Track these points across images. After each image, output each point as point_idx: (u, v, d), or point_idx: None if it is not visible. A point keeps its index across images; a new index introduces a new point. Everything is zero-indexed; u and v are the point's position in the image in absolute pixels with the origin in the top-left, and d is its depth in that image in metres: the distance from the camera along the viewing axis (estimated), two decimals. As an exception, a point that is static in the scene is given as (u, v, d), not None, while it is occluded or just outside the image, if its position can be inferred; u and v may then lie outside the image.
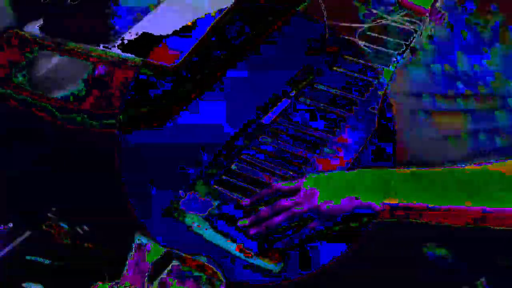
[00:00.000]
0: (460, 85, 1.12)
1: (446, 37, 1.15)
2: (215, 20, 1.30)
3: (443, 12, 1.16)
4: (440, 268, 1.15)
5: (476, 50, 1.10)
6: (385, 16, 1.59)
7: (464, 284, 1.12)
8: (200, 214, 1.14)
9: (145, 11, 1.34)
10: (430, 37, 1.18)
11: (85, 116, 1.13)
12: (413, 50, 1.22)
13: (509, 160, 1.05)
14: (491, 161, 1.06)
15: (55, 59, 1.24)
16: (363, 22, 1.57)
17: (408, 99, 1.20)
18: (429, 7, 1.21)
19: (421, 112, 1.17)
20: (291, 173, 1.22)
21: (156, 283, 1.06)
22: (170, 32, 1.27)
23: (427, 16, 1.21)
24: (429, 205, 1.03)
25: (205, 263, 1.06)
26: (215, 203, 1.16)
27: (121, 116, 1.13)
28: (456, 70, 1.12)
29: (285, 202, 1.08)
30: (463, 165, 1.07)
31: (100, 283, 1.09)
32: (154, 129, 1.16)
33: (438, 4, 1.18)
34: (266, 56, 1.35)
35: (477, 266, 1.13)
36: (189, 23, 1.30)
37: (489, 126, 1.10)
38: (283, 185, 1.12)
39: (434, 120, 1.16)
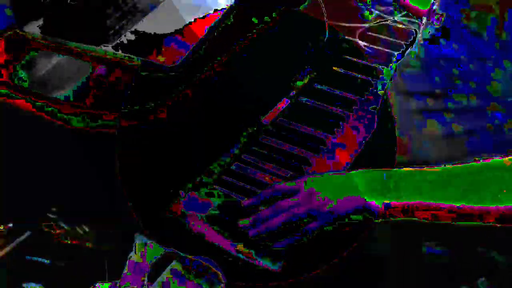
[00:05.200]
0: (459, 84, 1.12)
1: (443, 37, 1.15)
2: (215, 20, 1.31)
3: (441, 13, 1.16)
4: (440, 268, 1.15)
5: (475, 49, 1.10)
6: (385, 16, 1.59)
7: (464, 284, 1.12)
8: (201, 214, 1.14)
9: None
10: (428, 37, 1.18)
11: (85, 116, 1.13)
12: (413, 51, 1.22)
13: (508, 157, 1.05)
14: (491, 158, 1.06)
15: (55, 59, 1.24)
16: (363, 22, 1.57)
17: (408, 99, 1.20)
18: (428, 8, 1.21)
19: (420, 112, 1.18)
20: (291, 173, 1.22)
21: (156, 283, 1.06)
22: (170, 32, 1.27)
23: (425, 17, 1.21)
24: (429, 205, 1.03)
25: (205, 263, 1.06)
26: (215, 203, 1.16)
27: (120, 116, 1.13)
28: (455, 70, 1.13)
29: (285, 203, 1.08)
30: (462, 164, 1.07)
31: (100, 283, 1.09)
32: (154, 128, 1.16)
33: (436, 5, 1.18)
34: (266, 55, 1.35)
35: (477, 266, 1.14)
36: (189, 23, 1.30)
37: (488, 124, 1.10)
38: (283, 185, 1.12)
39: (434, 119, 1.16)
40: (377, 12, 1.60)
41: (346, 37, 1.53)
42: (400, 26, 1.57)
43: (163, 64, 1.20)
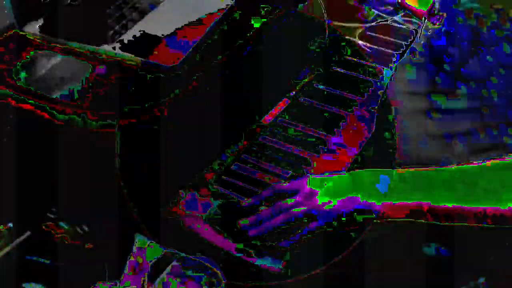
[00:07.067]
0: (459, 84, 1.12)
1: (443, 37, 1.15)
2: (215, 20, 1.31)
3: (440, 13, 1.16)
4: (440, 268, 1.15)
5: (474, 49, 1.10)
6: (385, 16, 1.59)
7: (464, 284, 1.12)
8: (200, 214, 1.14)
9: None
10: (428, 37, 1.18)
11: (85, 116, 1.13)
12: (413, 50, 1.22)
13: (509, 158, 1.05)
14: (491, 159, 1.06)
15: (55, 59, 1.24)
16: (363, 22, 1.57)
17: (408, 99, 1.20)
18: (428, 8, 1.21)
19: (421, 112, 1.18)
20: (291, 173, 1.22)
21: (156, 283, 1.06)
22: (170, 32, 1.27)
23: (425, 17, 1.21)
24: (429, 205, 1.03)
25: (205, 263, 1.06)
26: (215, 203, 1.16)
27: (120, 116, 1.13)
28: (455, 70, 1.12)
29: (285, 203, 1.08)
30: (462, 165, 1.07)
31: (100, 283, 1.09)
32: (154, 128, 1.16)
33: (436, 5, 1.18)
34: (266, 55, 1.35)
35: (477, 266, 1.14)
36: (189, 23, 1.30)
37: (488, 124, 1.10)
38: (283, 185, 1.12)
39: (434, 119, 1.16)
40: (377, 12, 1.60)
41: (346, 37, 1.53)
42: (400, 26, 1.57)
43: (163, 64, 1.20)
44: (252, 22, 1.35)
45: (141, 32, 1.28)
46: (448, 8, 1.15)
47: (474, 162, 1.06)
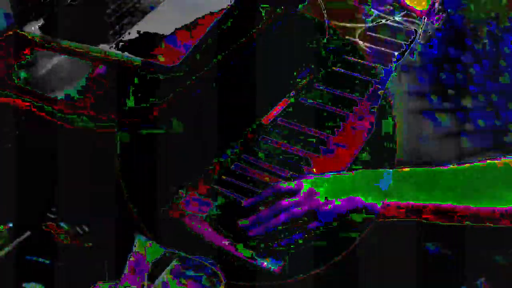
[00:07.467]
0: (459, 84, 1.12)
1: (443, 37, 1.15)
2: (215, 20, 1.31)
3: (440, 13, 1.16)
4: (440, 268, 1.15)
5: (475, 49, 1.10)
6: (385, 16, 1.59)
7: (464, 284, 1.12)
8: (200, 214, 1.14)
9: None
10: (428, 37, 1.18)
11: (85, 116, 1.13)
12: (412, 50, 1.22)
13: (509, 158, 1.05)
14: (492, 159, 1.06)
15: (55, 59, 1.24)
16: (363, 22, 1.57)
17: (408, 99, 1.20)
18: (428, 8, 1.21)
19: (420, 112, 1.18)
20: (291, 173, 1.22)
21: (156, 283, 1.06)
22: (170, 32, 1.27)
23: (425, 17, 1.21)
24: (429, 205, 1.03)
25: (205, 263, 1.06)
26: (215, 203, 1.16)
27: (120, 116, 1.13)
28: (455, 70, 1.13)
29: (285, 203, 1.08)
30: (462, 164, 1.07)
31: (100, 283, 1.09)
32: (154, 128, 1.16)
33: (436, 5, 1.18)
34: (266, 55, 1.35)
35: (477, 266, 1.14)
36: (189, 23, 1.30)
37: (488, 124, 1.10)
38: (283, 185, 1.12)
39: (434, 119, 1.16)
40: (377, 12, 1.60)
41: (346, 37, 1.53)
42: (400, 26, 1.57)
43: (163, 64, 1.20)
44: (252, 22, 1.35)
45: (141, 32, 1.28)
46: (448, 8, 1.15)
47: (474, 162, 1.06)
